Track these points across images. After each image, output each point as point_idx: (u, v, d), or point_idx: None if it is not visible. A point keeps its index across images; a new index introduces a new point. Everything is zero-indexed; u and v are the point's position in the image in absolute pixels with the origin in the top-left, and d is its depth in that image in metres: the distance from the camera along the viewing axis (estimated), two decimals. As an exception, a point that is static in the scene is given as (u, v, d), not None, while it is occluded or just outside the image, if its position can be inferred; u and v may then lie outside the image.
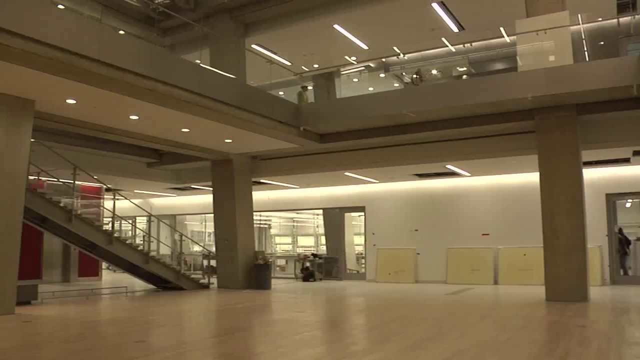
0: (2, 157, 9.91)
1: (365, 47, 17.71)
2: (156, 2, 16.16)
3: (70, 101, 10.76)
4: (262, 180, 19.25)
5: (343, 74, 20.43)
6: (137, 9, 16.77)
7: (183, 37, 17.60)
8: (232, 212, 16.74)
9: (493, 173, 17.84)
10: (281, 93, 18.76)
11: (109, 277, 21.55)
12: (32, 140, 10.69)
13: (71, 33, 8.78)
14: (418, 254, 19.07)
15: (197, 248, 24.31)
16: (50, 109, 11.31)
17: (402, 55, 18.68)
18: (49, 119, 11.82)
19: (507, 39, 16.25)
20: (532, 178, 13.92)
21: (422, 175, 18.61)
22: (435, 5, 14.87)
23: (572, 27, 12.77)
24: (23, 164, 10.37)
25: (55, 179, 13.36)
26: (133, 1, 16.53)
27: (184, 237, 19.19)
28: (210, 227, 23.16)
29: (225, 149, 16.10)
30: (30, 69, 8.76)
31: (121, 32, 13.86)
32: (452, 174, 17.88)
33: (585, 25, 14.90)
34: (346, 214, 21.73)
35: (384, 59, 19.31)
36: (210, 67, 14.03)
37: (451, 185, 18.87)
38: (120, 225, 16.09)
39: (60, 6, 11.70)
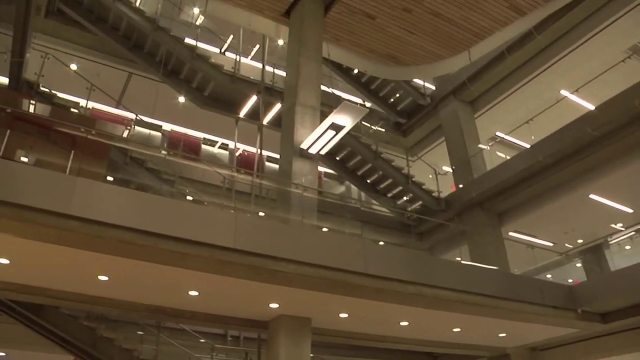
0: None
1: (630, 210, 16.37)
2: (409, 210, 17.00)
3: (343, 315, 11.25)
4: (546, 373, 17.58)
5: (612, 244, 18.92)
6: (392, 219, 17.79)
7: (440, 237, 17.94)
8: (519, 411, 15.35)
9: None
10: (549, 276, 17.81)
11: None
12: (310, 355, 11.22)
13: (337, 252, 9.49)
14: None
15: None
16: (325, 324, 11.87)
17: (676, 208, 16.93)
18: (324, 334, 12.34)
19: None
20: None
21: None
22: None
23: None
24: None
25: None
26: (388, 213, 17.63)
27: None
28: None
29: (500, 344, 15.17)
30: (306, 289, 9.46)
31: (380, 242, 14.65)
32: None
33: None
34: (656, 402, 18.59)
35: (653, 219, 17.62)
36: (471, 262, 13.97)
37: None
38: None
39: (324, 229, 12.88)
